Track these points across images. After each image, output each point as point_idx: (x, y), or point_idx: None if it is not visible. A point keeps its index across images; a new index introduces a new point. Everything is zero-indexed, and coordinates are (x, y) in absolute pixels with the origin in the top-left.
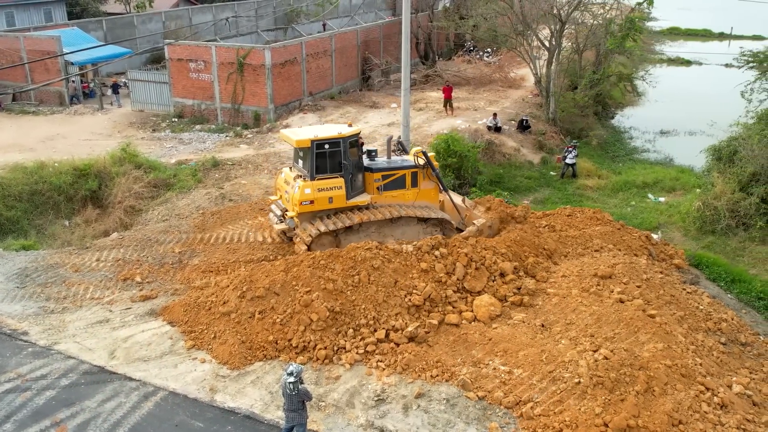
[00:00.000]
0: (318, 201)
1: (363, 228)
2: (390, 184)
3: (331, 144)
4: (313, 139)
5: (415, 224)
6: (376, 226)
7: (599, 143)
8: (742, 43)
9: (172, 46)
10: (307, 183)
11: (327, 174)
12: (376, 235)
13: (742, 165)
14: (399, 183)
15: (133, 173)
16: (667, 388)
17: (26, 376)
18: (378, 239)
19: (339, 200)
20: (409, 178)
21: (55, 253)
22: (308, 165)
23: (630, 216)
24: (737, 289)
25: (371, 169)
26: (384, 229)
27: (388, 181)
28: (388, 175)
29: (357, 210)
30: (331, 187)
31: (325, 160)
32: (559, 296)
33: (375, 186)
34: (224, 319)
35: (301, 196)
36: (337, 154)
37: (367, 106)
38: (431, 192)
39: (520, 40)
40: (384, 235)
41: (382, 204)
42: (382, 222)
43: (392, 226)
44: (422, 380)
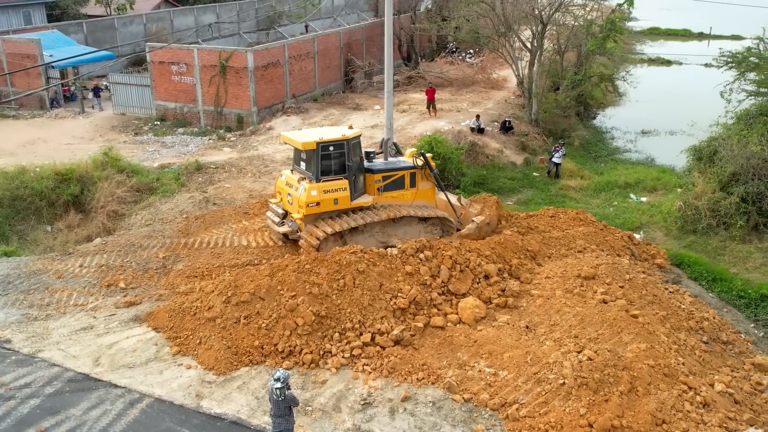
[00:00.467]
0: (324, 203)
1: (367, 228)
2: (390, 185)
3: (336, 146)
4: (318, 141)
5: (416, 223)
6: (380, 226)
7: (581, 143)
8: (721, 43)
9: (154, 48)
10: (312, 185)
11: (332, 176)
12: (380, 235)
13: (722, 165)
14: (398, 183)
15: (116, 178)
16: (651, 388)
17: (9, 385)
18: (381, 239)
19: (344, 201)
20: (407, 178)
21: (37, 260)
22: (313, 167)
23: (612, 216)
24: (718, 288)
25: (372, 170)
26: (387, 229)
27: (388, 182)
28: (388, 176)
29: (360, 211)
30: (336, 189)
31: (330, 161)
32: (543, 297)
33: (375, 187)
34: (209, 325)
35: (308, 198)
36: (341, 155)
37: (351, 108)
38: (428, 192)
39: (502, 41)
40: (387, 235)
41: (383, 204)
42: (385, 222)
43: (395, 226)
44: (408, 383)
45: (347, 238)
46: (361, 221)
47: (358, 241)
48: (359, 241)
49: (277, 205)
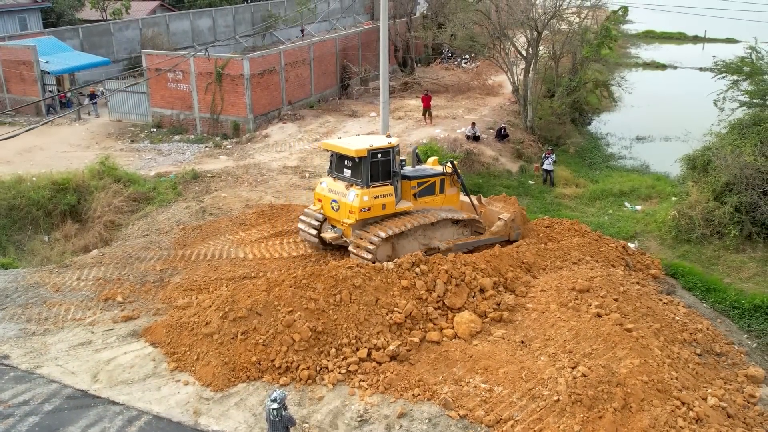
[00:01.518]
0: (374, 208)
1: (411, 232)
2: (423, 191)
3: (383, 153)
4: (369, 148)
5: (451, 226)
6: (422, 230)
7: (576, 150)
8: (716, 46)
9: (151, 56)
10: (364, 191)
11: (379, 182)
12: (422, 238)
13: (716, 174)
14: (430, 189)
15: (113, 187)
16: (644, 404)
17: (8, 402)
18: (423, 241)
19: (390, 206)
20: (438, 184)
21: (35, 272)
22: (363, 173)
23: (607, 225)
24: (712, 298)
25: (408, 176)
26: (427, 232)
27: (422, 188)
28: (422, 182)
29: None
30: (384, 194)
31: (378, 168)
32: (538, 311)
33: (411, 192)
34: (207, 340)
35: (361, 203)
36: (387, 162)
37: (347, 115)
38: (453, 197)
39: (497, 48)
40: (428, 238)
41: (418, 209)
42: (426, 225)
43: (433, 229)
44: (404, 399)
45: (395, 242)
46: (408, 224)
47: (404, 245)
48: (405, 244)
49: (316, 212)
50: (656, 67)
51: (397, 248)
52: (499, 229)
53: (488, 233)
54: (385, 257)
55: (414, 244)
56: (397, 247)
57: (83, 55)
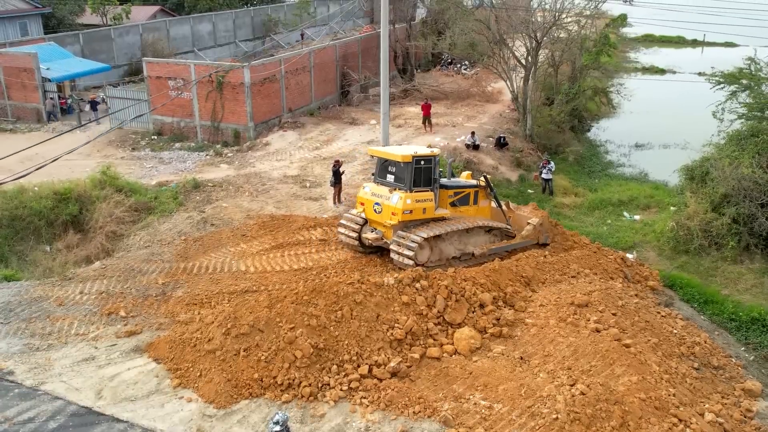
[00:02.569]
0: (415, 211)
1: (448, 236)
2: (459, 200)
3: (426, 161)
4: (414, 155)
5: (483, 234)
6: (457, 235)
7: (575, 158)
8: (715, 50)
9: (151, 63)
10: (407, 194)
11: (421, 187)
12: (457, 243)
13: (714, 186)
14: (465, 200)
15: (114, 197)
16: (642, 423)
17: (13, 420)
18: (458, 246)
19: (429, 211)
20: (472, 196)
21: (38, 285)
22: (407, 178)
23: (606, 235)
24: (710, 311)
25: (446, 186)
26: (462, 238)
27: (458, 197)
28: (458, 192)
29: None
30: (425, 199)
31: (421, 174)
32: (537, 327)
33: (448, 201)
34: (210, 357)
35: (404, 206)
36: (429, 170)
37: (347, 123)
38: (485, 209)
39: (497, 56)
40: (463, 243)
41: (455, 216)
42: (461, 231)
43: (467, 235)
44: (405, 417)
45: (433, 245)
46: (448, 228)
47: (442, 248)
48: (443, 248)
49: (358, 216)
50: (655, 71)
51: (435, 251)
52: (529, 233)
53: (519, 237)
54: (425, 258)
55: (451, 248)
56: (435, 249)
57: (84, 62)
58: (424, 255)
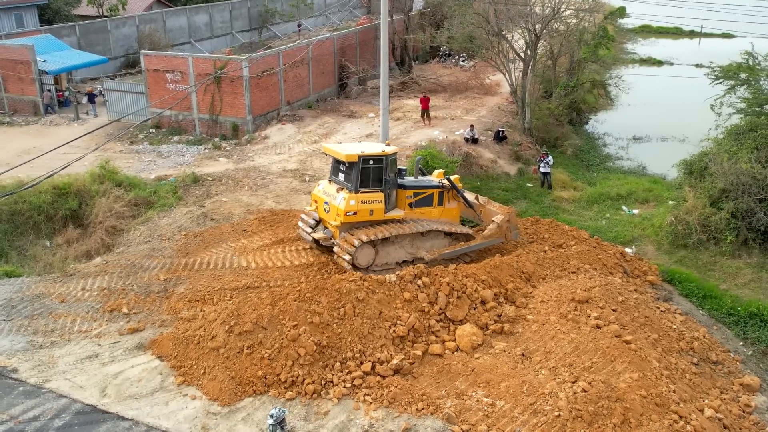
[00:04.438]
0: (360, 212)
1: (398, 239)
2: (420, 201)
3: (376, 160)
4: (360, 154)
5: (442, 238)
6: (410, 238)
7: (574, 152)
8: (712, 41)
9: (149, 56)
10: (351, 195)
11: (369, 188)
12: (409, 247)
13: (713, 181)
14: (427, 201)
15: (114, 192)
16: (643, 419)
17: (19, 418)
18: (410, 250)
19: (378, 213)
20: (436, 196)
21: (39, 282)
22: (353, 178)
23: (605, 229)
24: (708, 306)
25: (404, 186)
26: (416, 242)
27: (419, 198)
28: (419, 192)
29: (392, 223)
30: (373, 201)
31: (369, 174)
32: (539, 323)
33: (407, 202)
34: (213, 354)
35: (347, 207)
36: (379, 170)
37: (345, 116)
38: (453, 211)
39: (495, 51)
40: (416, 247)
41: (413, 219)
42: (415, 234)
43: (423, 239)
44: (408, 414)
45: (379, 248)
46: (395, 232)
47: (389, 252)
48: (390, 251)
49: (311, 213)
50: (653, 63)
51: (381, 254)
52: (492, 232)
53: (480, 237)
54: (366, 262)
55: (401, 252)
56: (381, 253)
57: (81, 54)
58: (366, 258)
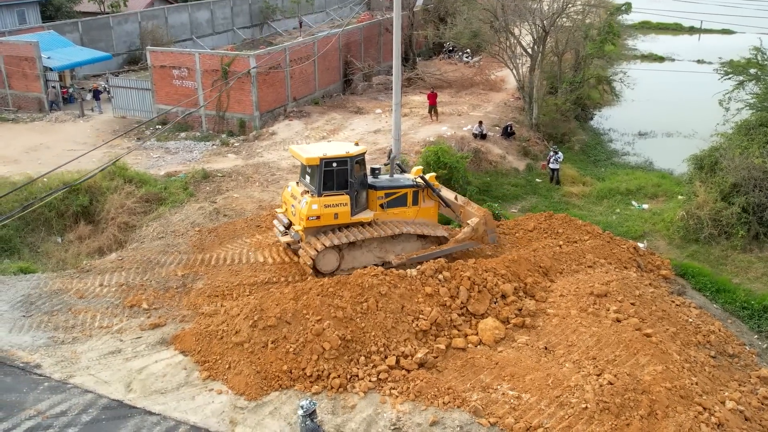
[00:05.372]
0: (324, 217)
1: (366, 243)
2: (392, 202)
3: (339, 162)
4: (322, 157)
5: (414, 240)
6: (378, 242)
7: (581, 148)
8: (712, 38)
9: (155, 52)
10: (314, 199)
11: (333, 191)
12: (378, 251)
13: (723, 175)
14: (401, 201)
15: (125, 188)
16: (669, 411)
17: (46, 413)
18: (379, 254)
19: (344, 216)
20: (410, 196)
21: (56, 278)
22: (316, 181)
23: (615, 224)
24: (722, 299)
25: (375, 186)
26: (385, 245)
27: (391, 198)
28: (391, 193)
29: (361, 226)
30: (337, 204)
31: (333, 177)
32: (559, 317)
33: (378, 203)
34: (237, 349)
35: (309, 211)
36: (344, 172)
37: (352, 112)
38: (431, 210)
39: (503, 45)
40: (385, 251)
41: (385, 221)
42: (384, 238)
43: (393, 242)
44: (435, 407)
45: (345, 253)
46: (359, 236)
47: (356, 256)
48: (357, 256)
49: (283, 215)
50: (654, 59)
51: (346, 259)
52: (466, 236)
53: (453, 241)
54: (330, 267)
55: (369, 257)
56: (347, 257)
57: (85, 50)
58: (329, 264)
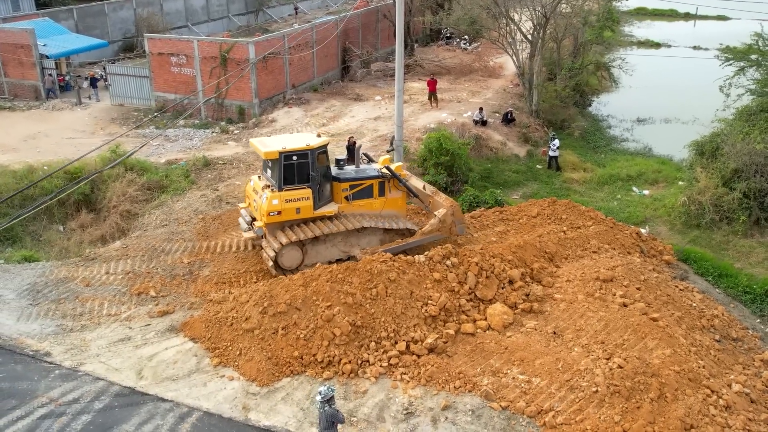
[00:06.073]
0: (285, 212)
1: (330, 238)
2: (358, 194)
3: (299, 155)
4: (281, 150)
5: (381, 234)
6: (343, 236)
7: (581, 134)
8: (707, 23)
9: (153, 39)
10: (274, 194)
11: (295, 185)
12: (342, 245)
13: (725, 161)
14: (367, 192)
15: (126, 176)
16: (678, 394)
17: (59, 401)
18: (344, 249)
19: (306, 211)
20: (376, 187)
21: (61, 266)
22: (276, 176)
23: (617, 210)
24: (724, 284)
25: (339, 178)
26: (350, 239)
27: (356, 190)
28: (356, 185)
29: (327, 219)
30: (299, 198)
31: (293, 171)
32: (566, 302)
33: (343, 195)
34: (248, 336)
35: (269, 206)
36: (305, 165)
37: (352, 99)
38: (398, 201)
39: (502, 31)
40: (350, 245)
41: (350, 213)
42: (349, 232)
43: (358, 236)
44: (446, 392)
45: (308, 248)
46: (318, 232)
47: (319, 251)
48: (321, 251)
49: (246, 210)
50: (650, 45)
51: (310, 254)
52: (433, 228)
53: (419, 233)
54: (293, 263)
55: (333, 251)
56: (310, 252)
57: (81, 38)
58: (292, 260)
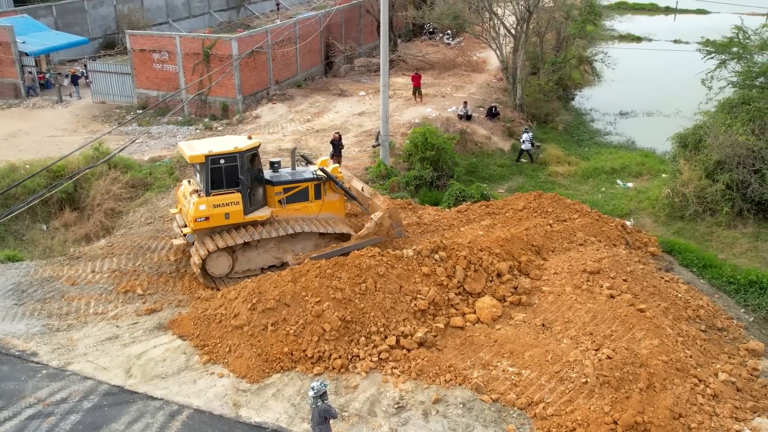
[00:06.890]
0: (213, 217)
1: (261, 243)
2: (293, 197)
3: (227, 158)
4: (207, 154)
5: (316, 238)
6: (276, 242)
7: (564, 128)
8: (687, 17)
9: (135, 36)
10: (202, 199)
11: (223, 189)
12: (275, 251)
13: (708, 153)
14: (302, 195)
15: (110, 174)
16: (666, 384)
17: (47, 401)
18: (277, 254)
19: (236, 216)
20: (312, 190)
21: (46, 265)
22: (203, 180)
23: (602, 203)
24: (709, 275)
25: (272, 182)
26: (284, 244)
27: (291, 194)
28: (290, 188)
29: (260, 225)
30: (228, 203)
31: (221, 175)
32: (554, 294)
33: (276, 199)
34: (237, 332)
35: (195, 212)
36: (233, 168)
37: (335, 95)
38: (336, 203)
39: (486, 26)
40: (284, 250)
41: (284, 217)
42: (281, 237)
43: (292, 241)
44: (437, 385)
45: (239, 254)
46: (248, 237)
47: (251, 257)
48: (253, 257)
49: (179, 215)
50: (632, 39)
51: (240, 261)
52: (370, 231)
53: (355, 238)
54: (222, 271)
55: (265, 257)
56: (240, 259)
57: (61, 35)
58: (221, 267)
